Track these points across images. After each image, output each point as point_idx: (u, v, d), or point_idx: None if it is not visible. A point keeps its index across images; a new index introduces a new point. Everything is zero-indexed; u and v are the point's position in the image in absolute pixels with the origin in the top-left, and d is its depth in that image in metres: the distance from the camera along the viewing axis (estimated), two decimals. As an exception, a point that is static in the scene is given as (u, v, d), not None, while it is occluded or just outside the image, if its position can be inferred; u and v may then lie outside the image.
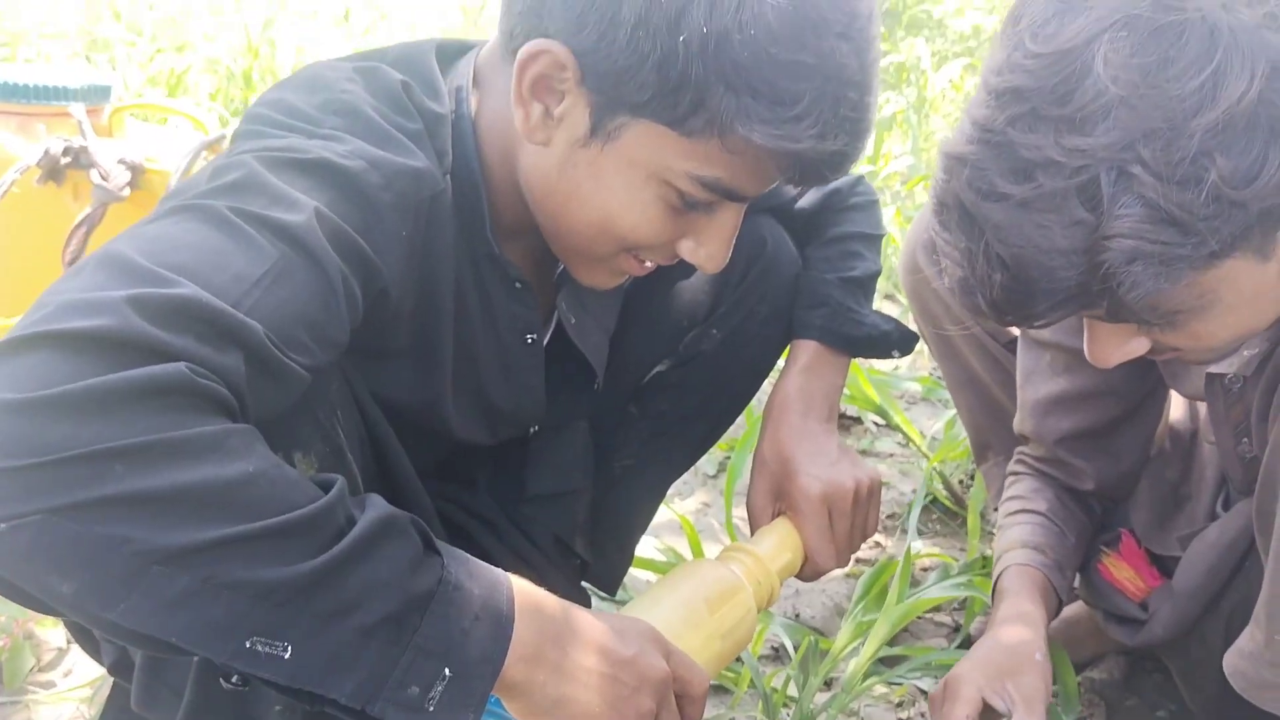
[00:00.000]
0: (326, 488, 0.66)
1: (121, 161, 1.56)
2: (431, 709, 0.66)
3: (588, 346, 1.08)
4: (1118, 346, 0.89)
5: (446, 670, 0.66)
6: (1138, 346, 0.89)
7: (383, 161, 0.79)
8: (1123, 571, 1.28)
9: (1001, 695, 1.06)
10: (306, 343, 0.70)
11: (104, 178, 1.54)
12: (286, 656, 0.62)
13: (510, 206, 0.92)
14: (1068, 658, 1.35)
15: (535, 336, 0.98)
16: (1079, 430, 1.26)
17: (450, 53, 0.94)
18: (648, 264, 0.93)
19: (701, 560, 1.04)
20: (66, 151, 1.56)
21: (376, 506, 0.68)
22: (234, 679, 0.73)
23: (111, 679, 1.02)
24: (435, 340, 0.91)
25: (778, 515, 1.10)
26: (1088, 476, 1.29)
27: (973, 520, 1.68)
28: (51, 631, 1.37)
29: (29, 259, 1.60)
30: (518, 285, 0.94)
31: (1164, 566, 1.28)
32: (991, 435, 1.50)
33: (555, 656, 0.73)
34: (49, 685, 1.33)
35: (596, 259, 0.93)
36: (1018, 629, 1.14)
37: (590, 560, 1.22)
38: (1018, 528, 1.28)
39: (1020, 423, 1.32)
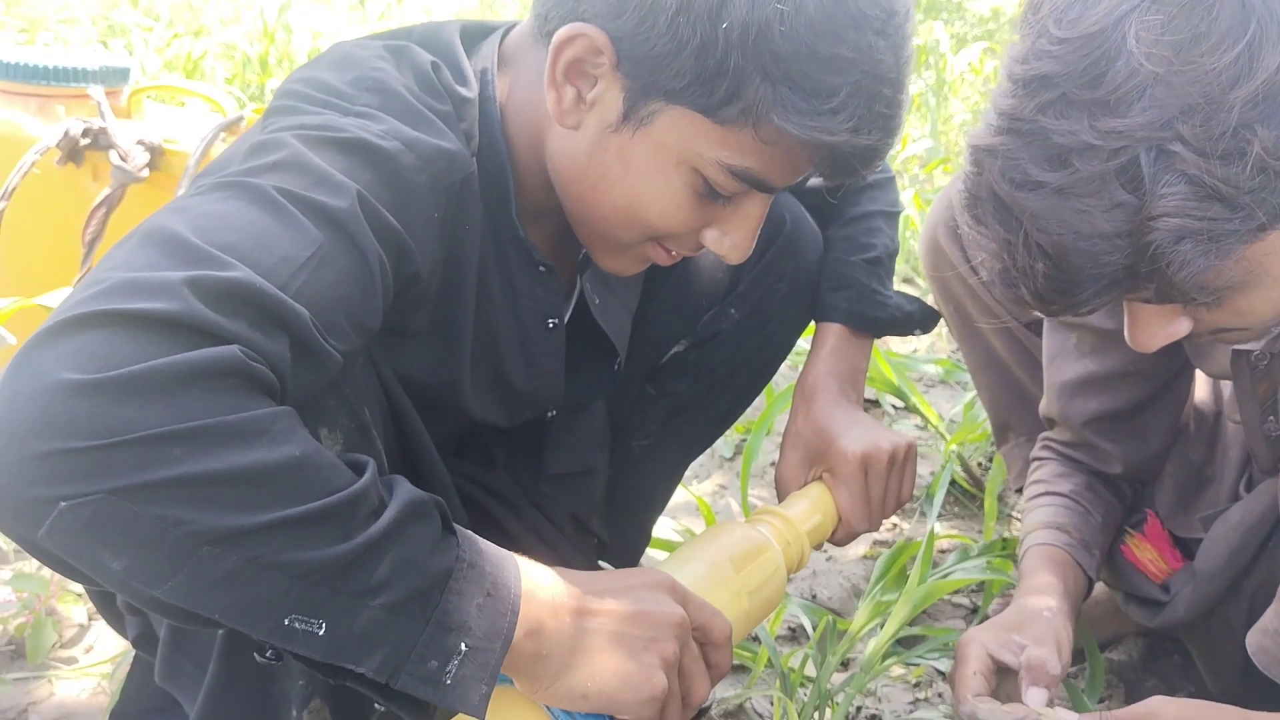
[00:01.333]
0: (357, 468, 0.68)
1: (140, 143, 1.57)
2: (449, 682, 0.67)
3: (611, 327, 1.08)
4: (1161, 329, 0.87)
5: (463, 645, 0.68)
6: (1181, 328, 0.87)
7: (417, 142, 0.79)
8: (1145, 552, 1.27)
9: (1008, 647, 1.04)
10: (345, 329, 0.71)
11: (123, 159, 1.55)
12: (321, 633, 0.64)
13: (535, 189, 0.92)
14: (1093, 636, 1.34)
15: (557, 321, 0.99)
16: (1106, 412, 1.25)
17: (473, 34, 0.94)
18: (673, 253, 0.93)
19: (728, 521, 1.04)
20: (86, 133, 1.56)
21: (404, 488, 0.69)
22: (267, 653, 0.74)
23: (132, 655, 1.03)
24: (457, 321, 0.91)
25: (810, 482, 1.10)
26: (1115, 459, 1.28)
27: (990, 503, 1.67)
28: (74, 608, 1.38)
29: (49, 239, 1.61)
30: (541, 269, 0.95)
31: (1186, 549, 1.26)
32: (1012, 416, 1.49)
33: (560, 627, 0.74)
34: (71, 661, 1.34)
35: (621, 245, 0.93)
36: (1031, 598, 1.13)
37: (607, 539, 1.22)
38: (1041, 510, 1.27)
39: (1046, 405, 1.31)
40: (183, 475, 0.59)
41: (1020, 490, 1.51)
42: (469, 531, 0.73)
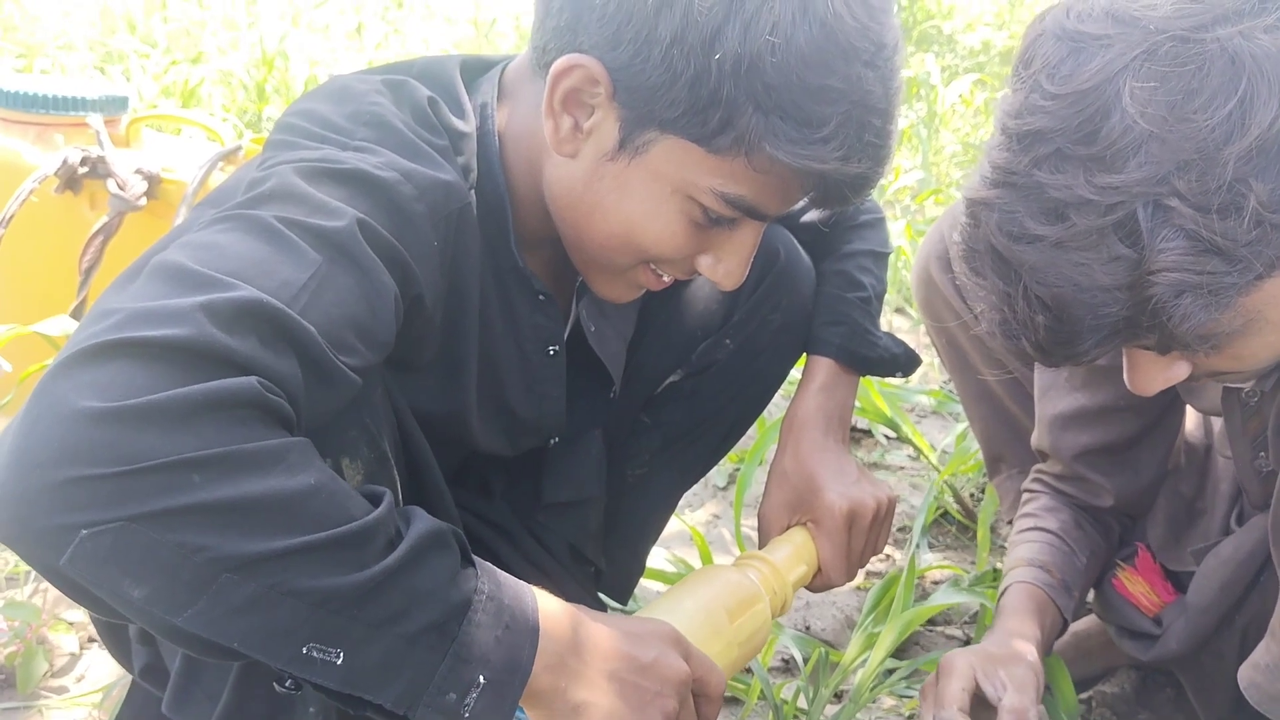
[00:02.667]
0: (373, 499, 0.68)
1: (138, 171, 1.58)
2: (467, 715, 0.68)
3: (607, 354, 1.09)
4: (1160, 374, 0.88)
5: (481, 677, 0.68)
6: (1179, 372, 0.87)
7: (414, 173, 0.80)
8: (1137, 586, 1.28)
9: (993, 681, 1.05)
10: (354, 344, 0.72)
11: (121, 187, 1.56)
12: (339, 662, 0.64)
13: (533, 218, 0.93)
14: (1066, 669, 1.34)
15: (557, 348, 0.99)
16: (1097, 445, 1.26)
17: (474, 69, 0.95)
18: (665, 278, 0.94)
19: (720, 566, 1.05)
20: (84, 161, 1.57)
21: (421, 518, 0.70)
22: (287, 683, 0.74)
23: (126, 685, 1.02)
24: (461, 351, 0.92)
25: (792, 527, 1.11)
26: (1107, 492, 1.28)
27: (983, 533, 1.68)
28: (65, 637, 1.37)
29: (46, 267, 1.62)
30: (541, 297, 0.96)
31: (1178, 582, 1.27)
32: (1005, 448, 1.50)
33: (577, 664, 0.74)
34: (61, 690, 1.33)
35: (615, 271, 0.94)
36: (1012, 639, 1.14)
37: (604, 568, 1.22)
38: (1026, 545, 1.28)
39: (1038, 438, 1.31)
40: (201, 502, 0.59)
41: (1012, 522, 1.51)
42: (488, 563, 0.73)
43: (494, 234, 0.90)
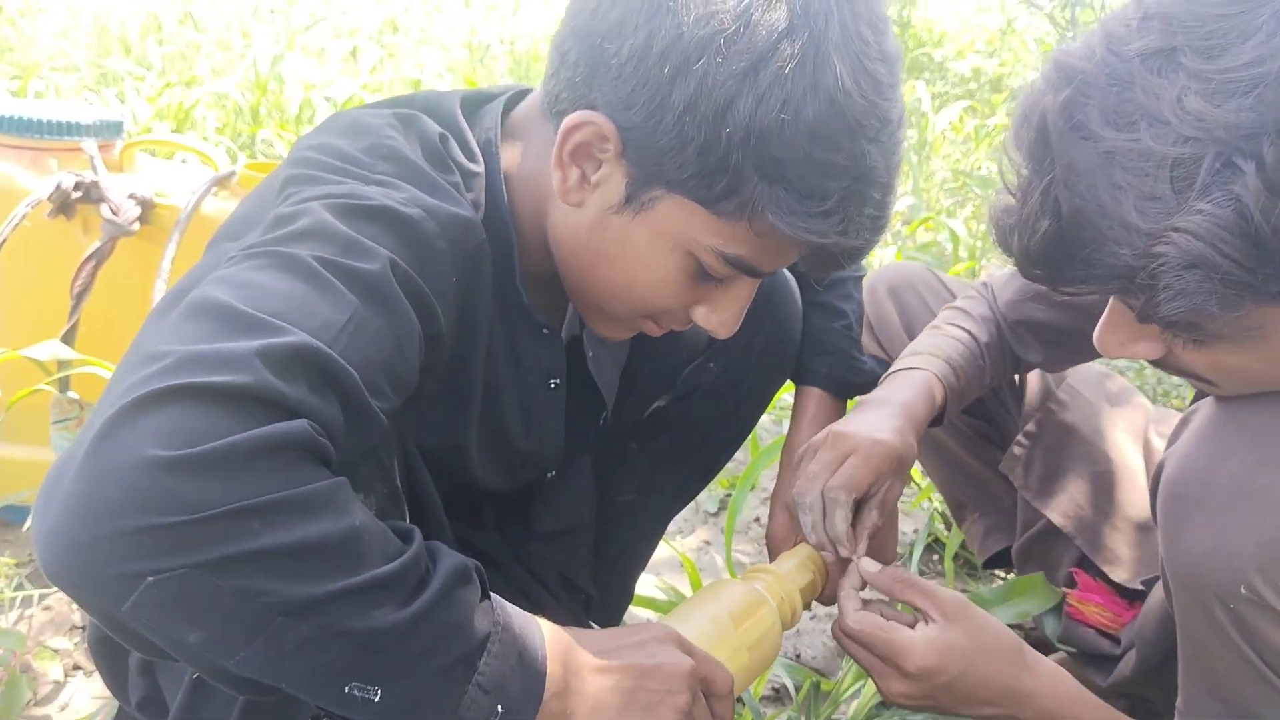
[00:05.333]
0: (405, 536, 0.70)
1: (132, 196, 1.58)
2: None
3: (603, 380, 1.10)
4: (1128, 342, 0.81)
5: (499, 707, 0.70)
6: (1148, 350, 0.81)
7: (437, 210, 0.81)
8: (1089, 608, 1.28)
9: (804, 498, 1.01)
10: (386, 389, 0.73)
11: (114, 212, 1.56)
12: (377, 699, 0.66)
13: (537, 255, 0.94)
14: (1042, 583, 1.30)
15: (559, 381, 1.00)
16: (1049, 322, 1.22)
17: (473, 104, 0.96)
18: (662, 325, 0.96)
19: (724, 579, 1.05)
20: (78, 186, 1.57)
21: (447, 555, 0.71)
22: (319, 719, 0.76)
23: (106, 711, 1.02)
24: (466, 384, 0.93)
25: (800, 543, 1.12)
26: (1037, 354, 1.25)
27: (948, 563, 1.68)
28: (50, 665, 1.36)
29: (38, 291, 1.62)
30: (544, 331, 0.96)
31: (1137, 593, 1.27)
32: (963, 493, 1.50)
33: (581, 685, 0.76)
34: (45, 719, 1.32)
35: (614, 317, 0.95)
36: (896, 418, 1.07)
37: (595, 595, 1.22)
38: (951, 341, 1.21)
39: (1000, 288, 1.27)
40: (262, 548, 0.60)
41: (986, 565, 1.52)
42: (497, 595, 0.75)
43: (500, 270, 0.91)
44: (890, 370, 1.18)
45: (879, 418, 1.07)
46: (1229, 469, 0.82)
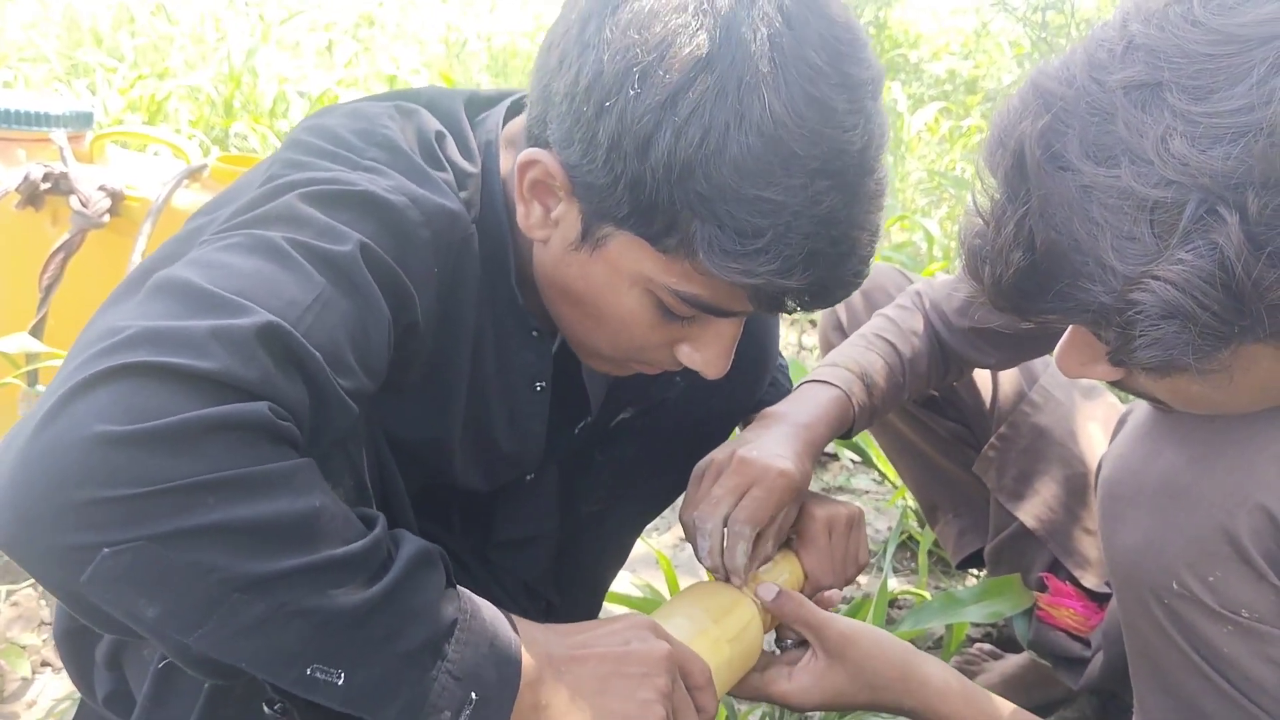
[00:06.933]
0: (368, 521, 0.69)
1: (102, 188, 1.56)
2: None
3: (593, 387, 1.10)
4: (1088, 363, 0.79)
5: (473, 694, 0.69)
6: (1107, 373, 0.79)
7: (422, 199, 0.81)
8: (1060, 612, 1.29)
9: (705, 524, 0.99)
10: (353, 366, 0.72)
11: (84, 204, 1.54)
12: (340, 682, 0.65)
13: (528, 260, 0.94)
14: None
15: (544, 384, 0.99)
16: (1001, 332, 1.17)
17: (479, 105, 0.96)
18: (653, 365, 0.94)
19: (700, 582, 1.06)
20: (47, 177, 1.55)
21: (409, 540, 0.71)
22: (276, 706, 0.74)
23: (74, 709, 1.00)
24: (451, 380, 0.92)
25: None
26: (990, 358, 1.22)
27: (922, 559, 1.69)
28: (17, 661, 1.35)
29: (6, 283, 1.59)
30: (535, 334, 0.96)
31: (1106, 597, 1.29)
32: (935, 494, 1.50)
33: (555, 676, 0.75)
34: (12, 716, 1.30)
35: (599, 354, 0.95)
36: (796, 441, 1.04)
37: (557, 602, 1.21)
38: (871, 355, 1.17)
39: (943, 296, 1.23)
40: (215, 523, 0.60)
41: (960, 565, 1.53)
42: (462, 587, 0.74)
43: (494, 269, 0.91)
44: (804, 379, 1.17)
45: (781, 441, 1.05)
46: (1159, 468, 0.83)
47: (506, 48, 5.34)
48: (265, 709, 0.75)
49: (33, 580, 1.47)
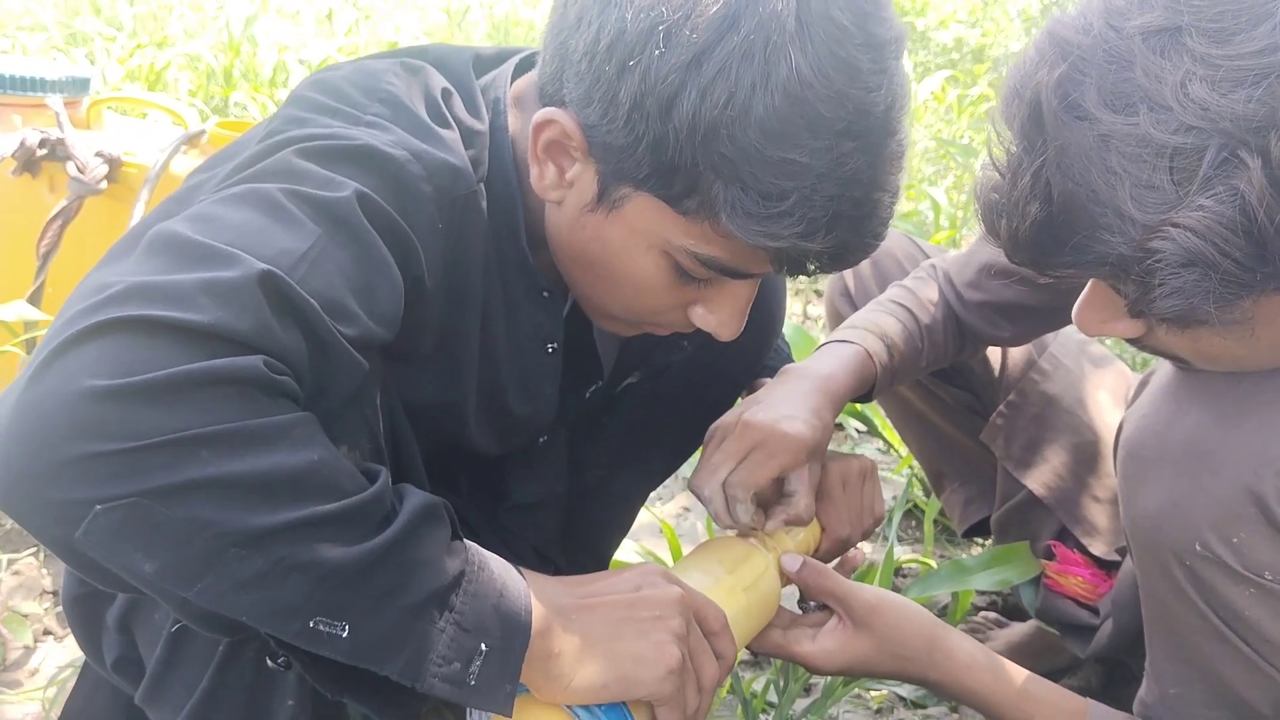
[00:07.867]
0: (370, 476, 0.69)
1: (99, 154, 1.54)
2: (473, 682, 0.69)
3: (605, 350, 1.09)
4: (1108, 321, 0.78)
5: (483, 645, 0.69)
6: (1128, 329, 0.78)
7: (425, 154, 0.80)
8: (1068, 580, 1.29)
9: (703, 490, 0.98)
10: (356, 313, 0.71)
11: (80, 170, 1.52)
12: (344, 635, 0.65)
13: (539, 220, 0.92)
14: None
15: (555, 345, 0.98)
16: (1015, 303, 1.17)
17: (487, 62, 0.95)
18: (665, 327, 0.94)
19: (714, 538, 1.05)
20: (43, 143, 1.54)
21: (414, 494, 0.71)
22: (279, 659, 0.73)
23: (75, 676, 1.00)
24: (463, 342, 0.91)
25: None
26: (1005, 331, 1.22)
27: (928, 527, 1.69)
28: (19, 630, 1.34)
29: (3, 250, 1.58)
30: (545, 294, 0.95)
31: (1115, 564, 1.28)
32: (942, 462, 1.49)
33: (566, 625, 0.75)
34: (15, 684, 1.30)
35: (611, 315, 0.94)
36: (814, 404, 1.02)
37: (564, 568, 1.20)
38: (891, 319, 1.17)
39: (959, 271, 1.22)
40: (209, 477, 0.60)
41: (965, 534, 1.52)
42: (469, 540, 0.74)
43: (503, 228, 0.90)
44: (824, 342, 1.15)
45: (794, 401, 1.03)
46: (1184, 428, 0.82)
47: (508, 16, 5.28)
48: (269, 662, 0.75)
49: (34, 549, 1.47)
